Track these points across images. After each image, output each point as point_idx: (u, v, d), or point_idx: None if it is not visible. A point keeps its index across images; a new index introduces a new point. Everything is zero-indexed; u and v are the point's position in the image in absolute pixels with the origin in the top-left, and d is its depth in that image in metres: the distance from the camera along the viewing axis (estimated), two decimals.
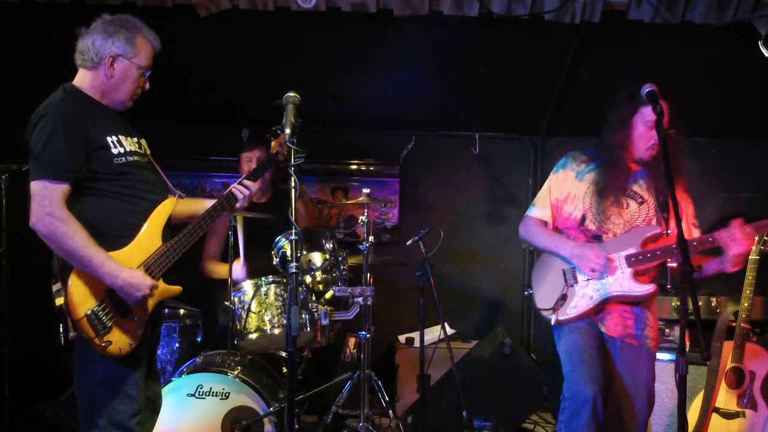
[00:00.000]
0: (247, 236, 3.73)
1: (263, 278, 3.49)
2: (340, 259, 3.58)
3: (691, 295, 2.22)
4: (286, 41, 4.18)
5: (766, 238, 3.29)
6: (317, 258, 3.53)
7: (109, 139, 2.43)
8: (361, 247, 3.60)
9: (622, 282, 2.88)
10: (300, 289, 3.45)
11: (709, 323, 3.67)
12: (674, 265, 3.06)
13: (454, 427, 3.82)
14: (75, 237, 2.29)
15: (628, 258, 2.87)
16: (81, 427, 2.47)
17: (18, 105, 4.43)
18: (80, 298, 2.34)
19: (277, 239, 3.45)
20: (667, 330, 4.08)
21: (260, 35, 4.10)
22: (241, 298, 3.48)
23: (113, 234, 2.41)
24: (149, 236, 2.48)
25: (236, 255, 3.71)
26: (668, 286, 4.21)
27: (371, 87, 4.60)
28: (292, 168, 2.39)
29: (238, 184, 2.73)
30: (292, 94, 2.48)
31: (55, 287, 2.39)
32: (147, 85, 2.60)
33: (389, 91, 4.64)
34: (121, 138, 2.48)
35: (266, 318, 3.42)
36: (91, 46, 2.48)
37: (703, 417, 3.33)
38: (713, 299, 4.16)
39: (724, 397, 3.32)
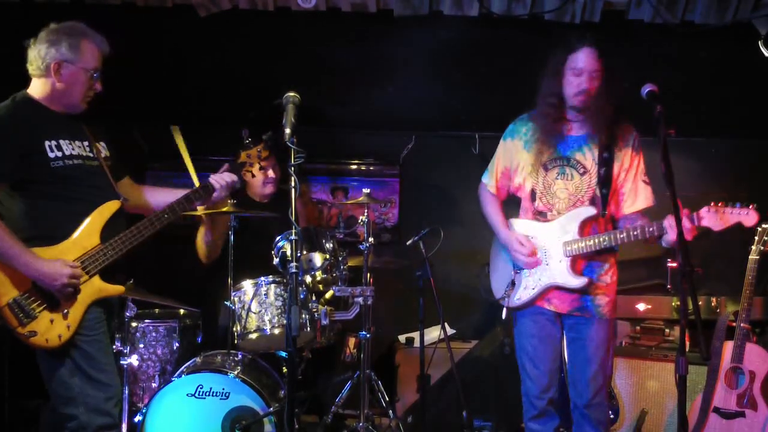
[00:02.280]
0: (247, 236, 3.73)
1: (263, 278, 3.49)
2: (340, 259, 3.58)
3: (691, 295, 2.22)
4: (286, 41, 4.18)
5: (766, 238, 3.30)
6: (317, 258, 3.52)
7: (47, 143, 2.53)
8: (361, 247, 3.60)
9: (561, 273, 2.89)
10: (300, 289, 3.46)
11: (709, 323, 3.67)
12: (674, 265, 3.07)
13: (454, 427, 3.82)
14: None
15: (565, 246, 2.88)
16: (62, 418, 2.55)
17: None
18: (3, 288, 2.44)
19: (277, 239, 3.45)
20: (667, 330, 4.09)
21: (260, 35, 4.10)
22: (241, 298, 3.48)
23: (49, 234, 2.52)
24: (86, 235, 2.57)
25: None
26: (668, 286, 4.24)
27: (371, 87, 4.59)
28: (292, 168, 2.40)
29: (216, 175, 2.92)
30: (292, 93, 2.48)
31: None
32: (98, 87, 2.67)
33: (389, 91, 4.64)
34: (63, 142, 2.57)
35: (266, 318, 3.42)
36: (38, 55, 2.61)
37: (702, 417, 3.33)
38: (713, 299, 4.16)
39: (724, 397, 3.32)
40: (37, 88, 2.63)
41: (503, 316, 3.02)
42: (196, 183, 3.19)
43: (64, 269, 2.45)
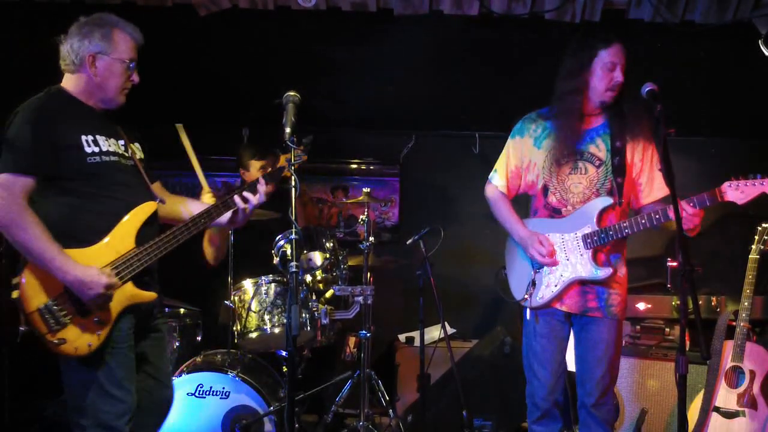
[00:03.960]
0: (247, 235, 3.73)
1: (263, 277, 3.49)
2: (340, 258, 3.58)
3: (691, 294, 2.22)
4: (286, 41, 4.18)
5: (766, 238, 3.30)
6: (317, 257, 3.53)
7: (83, 138, 2.41)
8: (361, 246, 3.60)
9: (584, 266, 2.86)
10: (300, 288, 3.46)
11: (709, 322, 3.67)
12: (674, 264, 3.06)
13: (454, 426, 3.82)
14: (28, 230, 2.27)
15: (585, 239, 2.87)
16: (71, 425, 2.45)
17: (18, 105, 4.45)
18: (33, 292, 2.31)
19: (277, 238, 3.46)
20: (667, 329, 4.09)
21: (260, 35, 4.10)
22: (241, 297, 3.49)
23: (82, 233, 2.38)
24: (121, 237, 2.43)
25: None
26: (668, 286, 4.24)
27: (371, 86, 4.59)
28: (292, 168, 2.39)
29: (238, 193, 2.66)
30: (292, 93, 2.48)
31: (15, 280, 2.36)
32: (135, 78, 2.56)
33: (389, 91, 4.64)
34: (99, 138, 2.45)
35: (266, 317, 3.42)
36: (70, 50, 2.50)
37: (703, 416, 3.33)
38: (713, 299, 4.16)
39: (724, 397, 3.32)
40: (71, 84, 2.51)
41: (527, 317, 2.99)
42: (203, 181, 3.10)
43: (102, 279, 2.30)
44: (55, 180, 2.37)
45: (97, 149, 2.43)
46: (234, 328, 3.49)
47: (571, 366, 3.02)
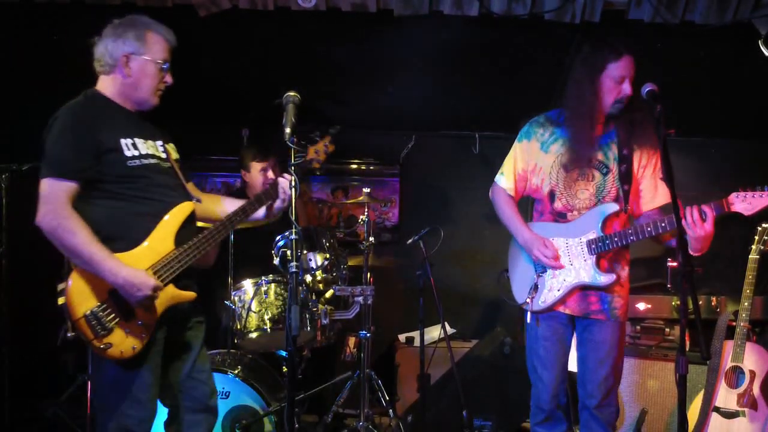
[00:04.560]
0: (247, 235, 3.73)
1: (263, 277, 3.50)
2: (340, 258, 3.58)
3: (691, 294, 2.21)
4: (286, 41, 4.18)
5: (766, 238, 3.30)
6: (317, 257, 3.53)
7: (122, 141, 2.44)
8: (361, 246, 3.60)
9: (587, 271, 2.86)
10: (300, 288, 3.46)
11: (709, 323, 3.67)
12: (674, 264, 3.05)
13: (454, 426, 3.82)
14: (77, 234, 2.30)
15: (589, 244, 2.86)
16: (95, 421, 2.48)
17: (18, 105, 4.46)
18: (80, 299, 2.34)
19: (277, 239, 3.46)
20: (667, 329, 4.09)
21: (260, 35, 4.10)
22: (242, 297, 3.49)
23: (123, 236, 2.41)
24: (161, 239, 2.46)
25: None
26: (668, 286, 4.24)
27: (371, 87, 4.60)
28: (292, 168, 2.40)
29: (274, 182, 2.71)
30: (292, 93, 2.48)
31: (60, 286, 2.38)
32: (169, 79, 2.58)
33: (389, 91, 4.64)
34: (138, 140, 2.48)
35: (266, 317, 3.42)
36: (105, 51, 2.51)
37: (703, 416, 3.33)
38: (713, 299, 4.16)
39: (724, 397, 3.32)
40: (106, 85, 2.53)
41: (528, 321, 2.99)
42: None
43: (150, 281, 2.34)
44: (97, 184, 2.40)
45: (136, 152, 2.46)
46: (234, 328, 3.49)
47: (571, 366, 3.02)
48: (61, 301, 2.37)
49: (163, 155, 2.57)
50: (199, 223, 2.70)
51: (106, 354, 2.35)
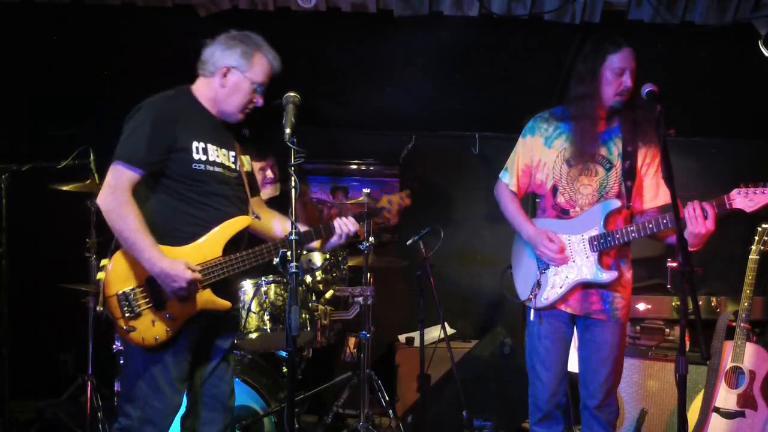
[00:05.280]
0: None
1: (263, 278, 3.50)
2: (340, 258, 3.58)
3: (691, 295, 2.21)
4: (286, 41, 4.17)
5: (766, 238, 3.30)
6: (317, 258, 3.53)
7: (195, 144, 2.50)
8: (361, 247, 3.60)
9: (589, 268, 2.86)
10: (300, 289, 3.46)
11: (709, 323, 3.68)
12: (674, 264, 3.04)
13: (454, 426, 3.83)
14: (126, 218, 2.37)
15: (591, 241, 2.86)
16: (119, 415, 2.53)
17: (18, 105, 4.46)
18: (118, 278, 2.43)
19: None
20: (667, 329, 4.09)
21: (260, 35, 4.09)
22: (241, 298, 3.48)
23: (170, 233, 2.47)
24: (210, 244, 2.51)
25: None
26: (668, 286, 4.24)
27: (371, 87, 4.60)
28: (292, 168, 2.40)
29: (340, 219, 2.73)
30: (292, 93, 2.47)
31: (103, 262, 2.48)
32: (260, 101, 2.63)
33: (389, 91, 4.64)
34: (210, 147, 2.54)
35: (266, 318, 3.42)
36: (211, 56, 2.58)
37: (703, 417, 3.33)
38: (713, 299, 4.16)
39: (724, 397, 3.32)
40: (200, 87, 2.61)
41: (531, 318, 2.99)
42: None
43: (186, 273, 2.39)
44: (160, 178, 2.47)
45: (204, 157, 2.51)
46: None
47: (571, 367, 3.02)
48: (100, 275, 2.46)
49: (233, 166, 2.63)
50: None
51: (128, 336, 2.42)
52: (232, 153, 2.64)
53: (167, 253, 2.42)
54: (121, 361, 2.52)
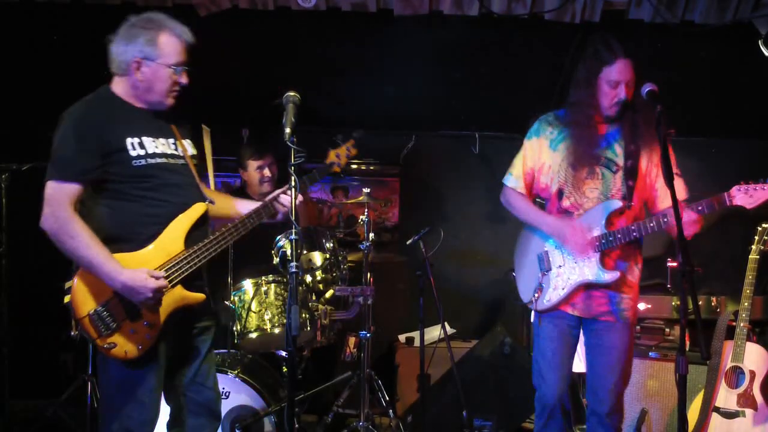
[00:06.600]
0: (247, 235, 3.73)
1: (263, 277, 3.50)
2: (340, 258, 3.58)
3: (691, 294, 2.21)
4: (286, 41, 4.18)
5: (766, 238, 3.30)
6: (317, 257, 3.53)
7: (129, 140, 2.40)
8: (361, 246, 3.60)
9: (591, 269, 2.85)
10: (300, 288, 3.46)
11: (709, 323, 3.67)
12: (674, 264, 3.03)
13: (454, 426, 3.82)
14: (76, 237, 2.29)
15: (593, 242, 2.84)
16: (99, 427, 2.48)
17: (18, 105, 4.46)
18: (84, 298, 2.34)
19: (277, 238, 3.46)
20: (667, 329, 4.09)
21: (260, 35, 4.10)
22: (242, 298, 3.49)
23: (131, 237, 2.39)
24: (171, 240, 2.43)
25: None
26: (668, 286, 4.24)
27: (371, 87, 4.60)
28: (292, 168, 2.39)
29: (278, 195, 2.68)
30: (292, 93, 2.47)
31: (67, 284, 2.38)
32: (184, 80, 2.53)
33: (389, 91, 4.64)
34: (146, 139, 2.45)
35: (266, 317, 3.42)
36: (117, 53, 2.46)
37: (703, 416, 3.33)
38: (713, 299, 4.16)
39: (724, 397, 3.32)
40: (119, 86, 2.49)
41: (532, 320, 2.98)
42: (212, 182, 3.14)
43: (149, 282, 2.31)
44: (104, 184, 2.38)
45: (142, 152, 2.42)
46: (234, 329, 3.49)
47: (572, 367, 3.02)
48: (66, 299, 2.37)
49: (176, 152, 2.54)
50: None
51: (111, 353, 2.35)
52: (171, 140, 2.54)
53: (127, 261, 2.34)
54: (97, 372, 2.42)
